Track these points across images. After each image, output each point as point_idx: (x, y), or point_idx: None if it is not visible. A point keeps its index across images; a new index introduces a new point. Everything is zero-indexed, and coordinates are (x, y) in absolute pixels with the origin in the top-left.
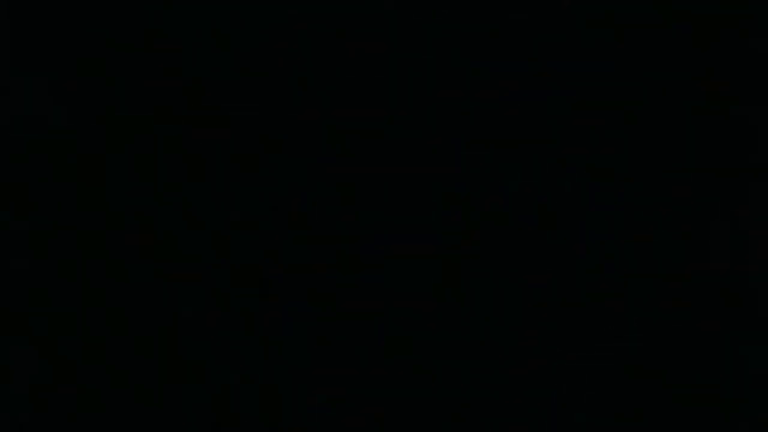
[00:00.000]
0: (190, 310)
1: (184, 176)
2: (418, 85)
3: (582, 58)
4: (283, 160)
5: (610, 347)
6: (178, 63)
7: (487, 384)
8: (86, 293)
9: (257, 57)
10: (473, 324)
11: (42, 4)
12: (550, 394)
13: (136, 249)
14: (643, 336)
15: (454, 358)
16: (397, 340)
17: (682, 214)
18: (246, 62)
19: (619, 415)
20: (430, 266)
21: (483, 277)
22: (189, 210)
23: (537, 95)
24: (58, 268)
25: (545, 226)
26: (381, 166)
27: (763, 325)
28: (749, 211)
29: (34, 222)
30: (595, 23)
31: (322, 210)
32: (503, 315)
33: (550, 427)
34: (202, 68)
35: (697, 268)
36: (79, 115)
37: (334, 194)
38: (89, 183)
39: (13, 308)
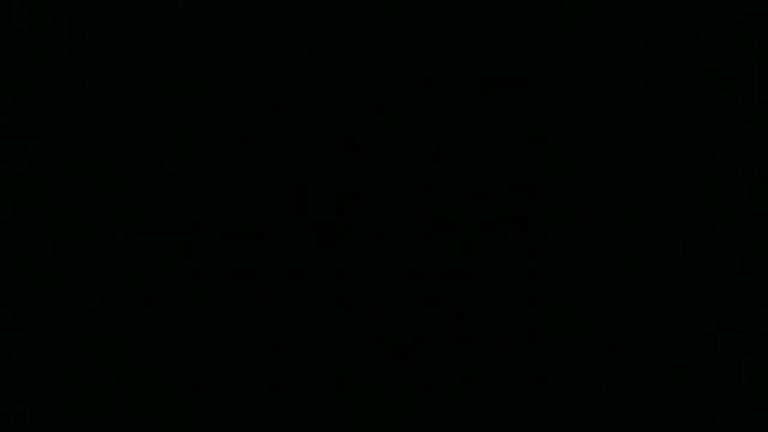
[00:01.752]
0: (190, 310)
1: (184, 176)
2: (418, 85)
3: (582, 58)
4: (283, 160)
5: (609, 347)
6: (178, 63)
7: (487, 384)
8: (86, 293)
9: (257, 57)
10: (473, 324)
11: (42, 4)
12: (550, 394)
13: (136, 248)
14: (643, 336)
15: (454, 357)
16: (396, 340)
17: (682, 214)
18: (246, 62)
19: (618, 415)
20: (429, 266)
21: (483, 277)
22: (189, 210)
23: (537, 95)
24: (58, 268)
25: (546, 226)
26: (381, 166)
27: (763, 325)
28: (749, 212)
29: (34, 221)
30: (595, 23)
31: (322, 210)
32: (503, 315)
33: (551, 427)
34: (202, 68)
35: (697, 268)
36: (78, 114)
37: (334, 194)
38: (89, 183)
39: (13, 308)
